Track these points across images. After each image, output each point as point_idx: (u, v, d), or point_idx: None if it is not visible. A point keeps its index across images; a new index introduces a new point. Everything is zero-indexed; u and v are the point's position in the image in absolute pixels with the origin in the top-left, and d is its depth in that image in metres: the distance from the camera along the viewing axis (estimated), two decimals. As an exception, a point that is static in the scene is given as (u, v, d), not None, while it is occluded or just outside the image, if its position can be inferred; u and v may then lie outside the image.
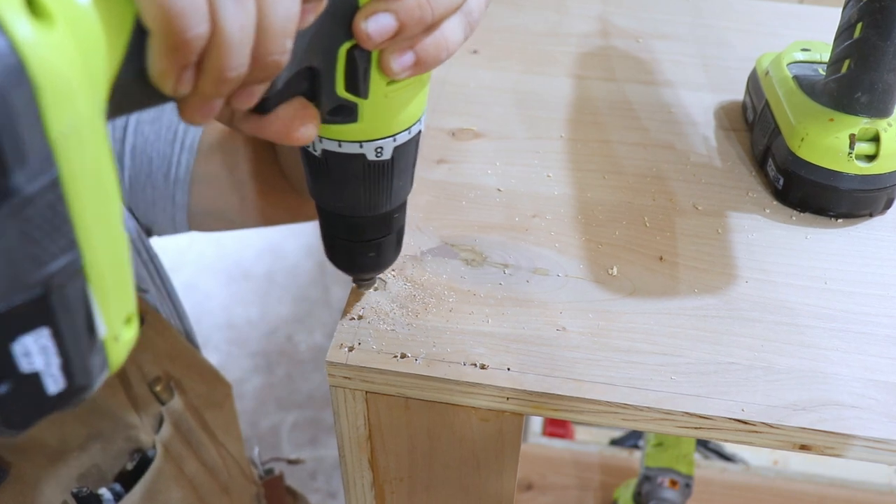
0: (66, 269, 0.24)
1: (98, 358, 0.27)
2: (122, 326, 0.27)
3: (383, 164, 0.39)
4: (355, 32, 0.33)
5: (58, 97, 0.22)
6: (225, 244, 2.33)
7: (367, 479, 0.51)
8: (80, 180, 0.24)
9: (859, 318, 0.48)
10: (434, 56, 0.35)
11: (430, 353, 0.45)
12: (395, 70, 0.35)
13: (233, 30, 0.28)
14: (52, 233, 0.23)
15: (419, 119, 0.40)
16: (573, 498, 1.17)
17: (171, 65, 0.28)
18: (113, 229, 0.26)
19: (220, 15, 0.27)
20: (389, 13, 0.33)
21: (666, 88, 0.71)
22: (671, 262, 0.52)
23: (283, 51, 0.30)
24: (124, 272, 0.27)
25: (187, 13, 0.26)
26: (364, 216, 0.42)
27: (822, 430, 0.42)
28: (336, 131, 0.37)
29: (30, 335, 0.24)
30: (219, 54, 0.28)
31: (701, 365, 0.45)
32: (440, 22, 0.34)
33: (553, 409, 0.44)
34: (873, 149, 0.54)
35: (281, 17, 0.29)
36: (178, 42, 0.27)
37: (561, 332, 0.46)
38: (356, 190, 0.40)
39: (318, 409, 1.88)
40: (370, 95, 0.36)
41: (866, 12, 0.51)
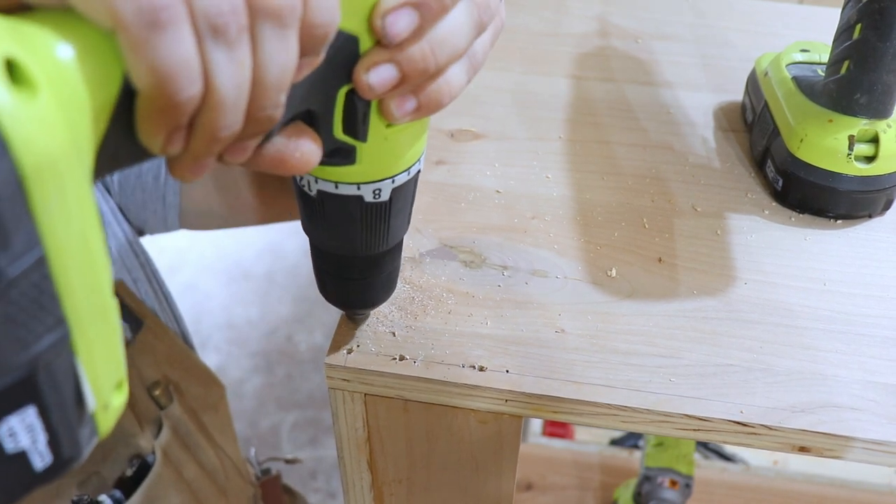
0: (53, 347, 0.23)
1: (87, 429, 0.25)
2: (112, 393, 0.26)
3: (381, 206, 0.38)
4: (356, 83, 0.32)
5: (42, 173, 0.21)
6: (225, 244, 2.33)
7: (366, 480, 0.51)
8: (68, 255, 0.22)
9: (858, 320, 0.48)
10: (436, 102, 0.34)
11: (429, 356, 0.45)
12: (396, 116, 0.33)
13: (227, 89, 0.26)
14: (38, 312, 0.22)
15: (418, 159, 0.38)
16: (573, 498, 1.17)
17: (161, 127, 0.26)
18: (102, 298, 0.25)
19: (215, 74, 0.26)
20: (392, 64, 0.31)
21: (665, 89, 0.71)
22: (670, 264, 0.52)
23: (277, 105, 0.28)
24: (114, 339, 0.26)
25: (180, 73, 0.25)
26: (358, 256, 0.41)
27: (822, 432, 0.42)
28: (333, 173, 0.36)
29: (15, 415, 0.22)
30: (212, 115, 0.27)
31: (700, 367, 0.45)
32: (444, 69, 0.33)
33: (552, 412, 0.44)
34: (872, 150, 0.54)
35: (276, 73, 0.27)
36: (168, 104, 0.25)
37: (560, 334, 0.46)
38: (352, 231, 0.39)
39: (318, 409, 1.88)
40: (369, 139, 0.34)
41: (865, 13, 0.51)
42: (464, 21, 0.32)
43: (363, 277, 0.42)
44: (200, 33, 0.25)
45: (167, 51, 0.24)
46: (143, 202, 0.68)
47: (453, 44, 0.32)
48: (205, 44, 0.25)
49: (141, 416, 0.62)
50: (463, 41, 0.32)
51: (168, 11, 0.24)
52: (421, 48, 0.31)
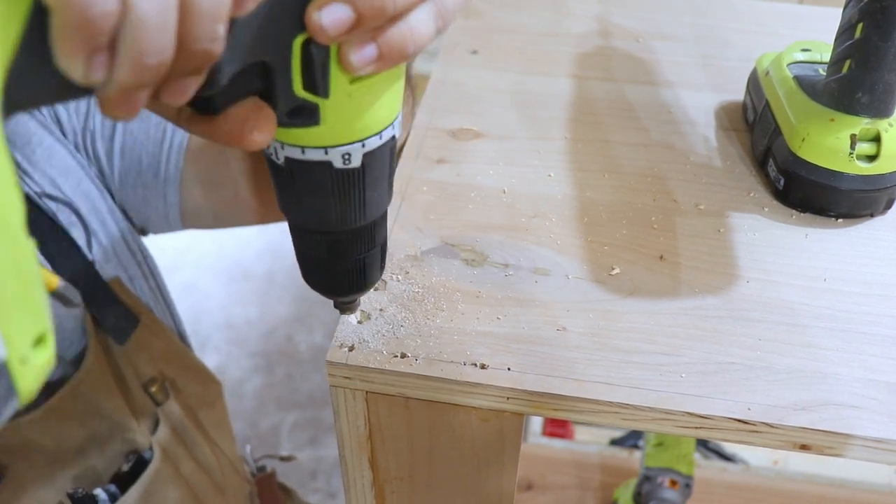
0: None
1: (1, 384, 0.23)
2: (32, 348, 0.24)
3: (352, 173, 0.35)
4: (308, 25, 0.29)
5: None
6: (225, 244, 2.33)
7: (368, 478, 0.51)
8: None
9: (860, 318, 0.48)
10: (399, 49, 0.31)
11: (431, 353, 0.45)
12: (356, 65, 0.31)
13: (147, 7, 0.24)
14: None
15: (392, 123, 0.36)
16: (573, 498, 1.17)
17: (77, 47, 0.24)
18: (11, 236, 0.22)
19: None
20: (345, 3, 0.29)
21: (666, 88, 0.71)
22: (672, 262, 0.52)
23: (212, 37, 0.26)
24: (30, 285, 0.24)
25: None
26: (337, 231, 0.38)
27: (823, 429, 0.42)
28: (298, 136, 0.34)
29: None
30: (133, 36, 0.24)
31: (701, 365, 0.45)
32: (406, 12, 0.31)
33: (553, 409, 0.44)
34: (874, 149, 0.54)
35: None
36: (82, 19, 0.23)
37: (561, 332, 0.46)
38: (325, 201, 0.36)
39: (318, 409, 1.88)
40: (331, 94, 0.32)
41: (867, 13, 0.51)
42: None
43: (345, 257, 0.39)
44: None
45: None
46: (145, 199, 0.68)
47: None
48: None
49: (137, 411, 0.62)
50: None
51: None
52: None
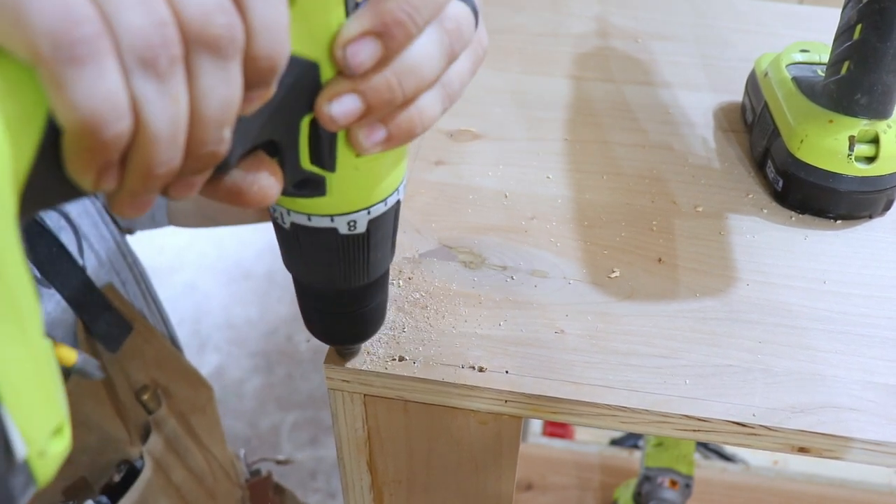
0: None
1: (20, 478, 0.23)
2: (50, 439, 0.24)
3: (357, 238, 0.36)
4: (318, 115, 0.30)
5: None
6: (225, 244, 2.33)
7: (366, 481, 0.51)
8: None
9: (858, 320, 0.48)
10: (408, 132, 0.32)
11: (429, 356, 0.45)
12: (365, 147, 0.31)
13: (160, 124, 0.24)
14: None
15: (397, 188, 0.36)
16: (573, 498, 1.17)
17: (90, 164, 0.24)
18: (29, 339, 0.23)
19: (145, 109, 0.24)
20: (355, 94, 0.29)
21: (665, 89, 0.70)
22: (670, 264, 0.52)
23: (219, 140, 0.26)
24: (49, 381, 0.24)
25: (104, 110, 0.23)
26: (339, 289, 0.39)
27: (821, 432, 0.42)
28: (305, 205, 0.34)
29: None
30: (144, 151, 0.25)
31: (699, 367, 0.45)
32: (414, 98, 0.31)
33: (551, 412, 0.44)
34: (873, 150, 0.54)
35: (217, 107, 0.25)
36: (94, 142, 0.23)
37: (559, 335, 0.46)
38: (330, 264, 0.37)
39: (318, 409, 1.88)
40: (338, 169, 0.32)
41: (866, 14, 0.51)
42: (432, 49, 0.30)
43: (347, 311, 0.40)
44: (127, 67, 0.23)
45: (89, 87, 0.22)
46: None
47: (421, 73, 0.30)
48: (132, 78, 0.23)
49: (129, 421, 0.62)
50: (432, 70, 0.31)
51: (88, 45, 0.22)
52: (385, 78, 0.30)
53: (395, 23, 0.29)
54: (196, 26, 0.24)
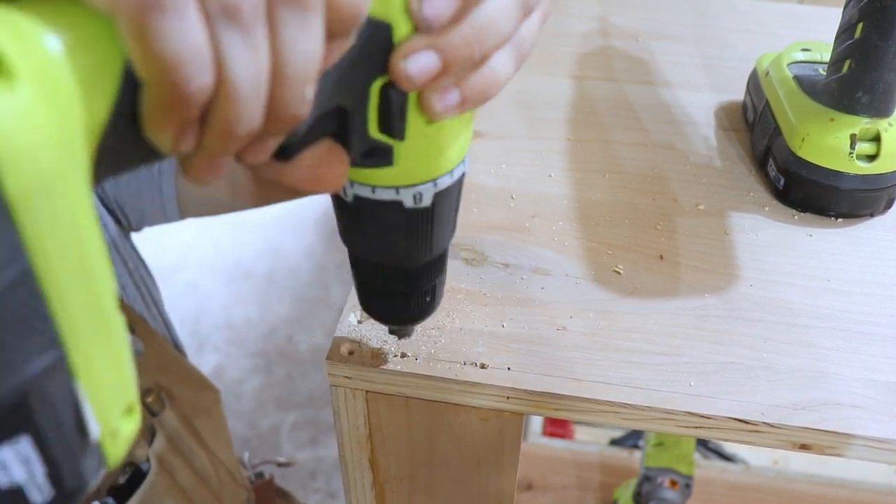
0: (46, 371, 0.20)
1: (92, 458, 0.23)
2: (122, 419, 0.24)
3: (422, 212, 0.34)
4: (393, 73, 0.28)
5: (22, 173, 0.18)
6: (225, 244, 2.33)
7: (368, 478, 0.51)
8: (59, 266, 0.20)
9: (860, 318, 0.48)
10: (481, 94, 0.30)
11: (431, 353, 0.45)
12: (438, 111, 0.30)
13: (243, 79, 0.23)
14: (27, 332, 0.20)
15: (462, 160, 0.34)
16: (573, 498, 1.17)
17: (169, 121, 0.23)
18: (103, 315, 0.22)
19: (228, 61, 0.23)
20: (433, 51, 0.28)
21: (666, 89, 0.71)
22: (672, 262, 0.52)
23: (302, 101, 0.25)
24: (120, 359, 0.23)
25: (188, 61, 0.22)
26: (400, 266, 0.37)
27: (823, 429, 0.42)
28: (369, 175, 0.33)
29: (8, 446, 0.20)
30: (226, 108, 0.24)
31: (701, 364, 0.45)
32: (489, 57, 0.30)
33: (553, 409, 0.44)
34: (874, 149, 0.54)
35: (300, 61, 0.24)
36: (176, 96, 0.22)
37: (561, 332, 0.46)
38: (392, 239, 0.35)
39: (318, 409, 1.88)
40: (407, 137, 0.31)
41: (867, 12, 0.51)
42: (508, 3, 0.29)
43: (407, 290, 0.39)
44: (210, 16, 0.22)
45: (172, 36, 0.21)
46: (139, 193, 0.67)
47: (498, 28, 0.29)
48: (216, 28, 0.22)
49: None
50: (508, 25, 0.29)
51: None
52: (463, 33, 0.28)
53: None
54: None
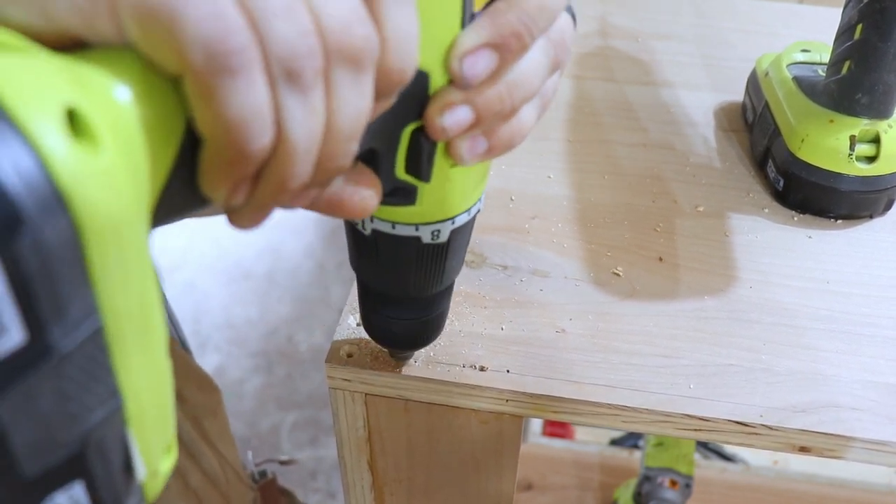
0: (105, 420, 0.21)
1: (135, 498, 0.23)
2: (161, 458, 0.24)
3: (438, 247, 0.36)
4: (428, 124, 0.29)
5: (104, 236, 0.18)
6: (225, 244, 2.32)
7: (367, 480, 0.51)
8: (125, 323, 0.20)
9: (859, 320, 0.48)
10: (507, 143, 0.32)
11: (430, 356, 0.45)
12: (466, 158, 0.31)
13: (300, 138, 0.24)
14: (92, 385, 0.20)
15: (479, 199, 0.36)
16: (573, 498, 1.17)
17: (227, 178, 0.24)
18: (157, 363, 0.23)
19: (287, 122, 0.23)
20: (467, 106, 0.29)
21: (665, 89, 0.71)
22: (671, 264, 0.52)
23: (347, 154, 0.26)
24: (166, 402, 0.24)
25: (251, 122, 0.22)
26: (409, 297, 0.39)
27: (822, 432, 0.42)
28: (391, 213, 0.34)
29: (62, 492, 0.20)
30: (282, 165, 0.24)
31: (700, 367, 0.45)
32: (518, 110, 0.31)
33: (553, 412, 0.44)
34: (873, 150, 0.54)
35: (351, 119, 0.25)
36: (237, 155, 0.23)
37: (560, 334, 0.46)
38: (406, 271, 0.37)
39: (318, 409, 1.88)
40: (432, 179, 0.32)
41: (866, 14, 0.51)
42: (540, 61, 0.30)
43: (412, 318, 0.40)
44: (274, 78, 0.22)
45: (239, 98, 0.22)
46: None
47: (529, 85, 0.30)
48: (278, 89, 0.23)
49: None
50: (538, 81, 0.31)
51: (241, 56, 0.21)
52: (498, 90, 0.29)
53: (513, 35, 0.28)
54: (336, 37, 0.23)
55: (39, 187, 0.17)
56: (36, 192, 0.17)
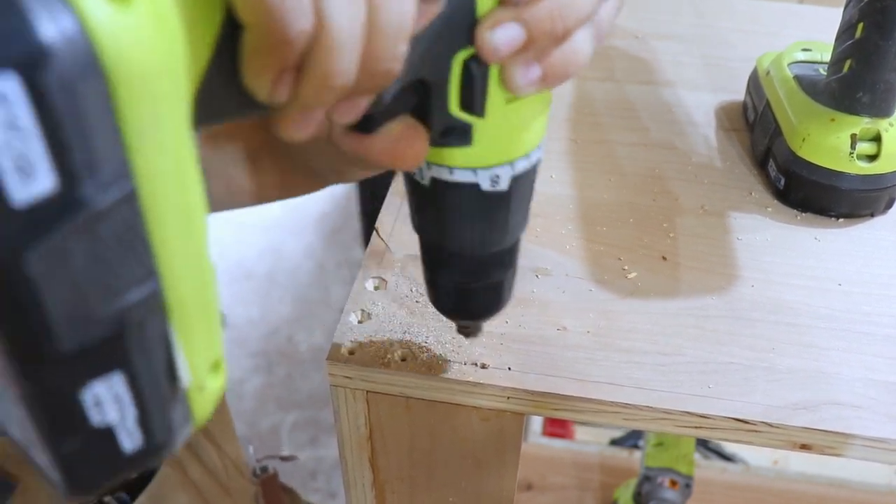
0: (144, 303, 0.20)
1: (180, 411, 0.23)
2: (208, 374, 0.24)
3: (499, 196, 0.34)
4: (478, 43, 0.29)
5: (136, 92, 0.18)
6: (226, 244, 2.33)
7: (368, 478, 0.51)
8: (162, 193, 0.20)
9: (860, 318, 0.48)
10: (562, 71, 0.31)
11: (431, 353, 0.45)
12: (520, 85, 0.30)
13: (341, 27, 0.24)
14: (128, 257, 0.20)
15: (538, 145, 0.35)
16: (573, 498, 1.17)
17: (268, 66, 0.24)
18: (199, 255, 0.22)
19: (327, 9, 0.23)
20: (518, 23, 0.29)
21: (666, 88, 0.71)
22: (673, 262, 0.52)
23: (395, 56, 0.26)
24: (211, 309, 0.23)
25: (290, 5, 0.22)
26: (474, 255, 0.37)
27: (823, 429, 0.42)
28: (447, 156, 0.33)
29: (101, 381, 0.20)
30: (324, 56, 0.24)
31: (702, 364, 0.45)
32: (570, 34, 0.30)
33: (554, 409, 0.44)
34: (874, 149, 0.54)
35: (395, 15, 0.25)
36: (278, 39, 0.23)
37: (562, 332, 0.46)
38: (467, 224, 0.35)
39: (318, 409, 1.88)
40: (487, 115, 0.31)
41: (867, 12, 0.51)
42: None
43: (477, 281, 0.38)
44: None
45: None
46: None
47: (581, 5, 0.29)
48: None
49: None
50: (589, 4, 0.30)
51: None
52: (548, 6, 0.29)
53: None
54: None
55: (66, 24, 0.17)
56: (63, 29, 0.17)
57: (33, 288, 0.18)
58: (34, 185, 0.17)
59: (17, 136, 0.17)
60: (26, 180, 0.17)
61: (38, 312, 0.18)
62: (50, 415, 0.20)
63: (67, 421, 0.20)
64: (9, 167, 0.17)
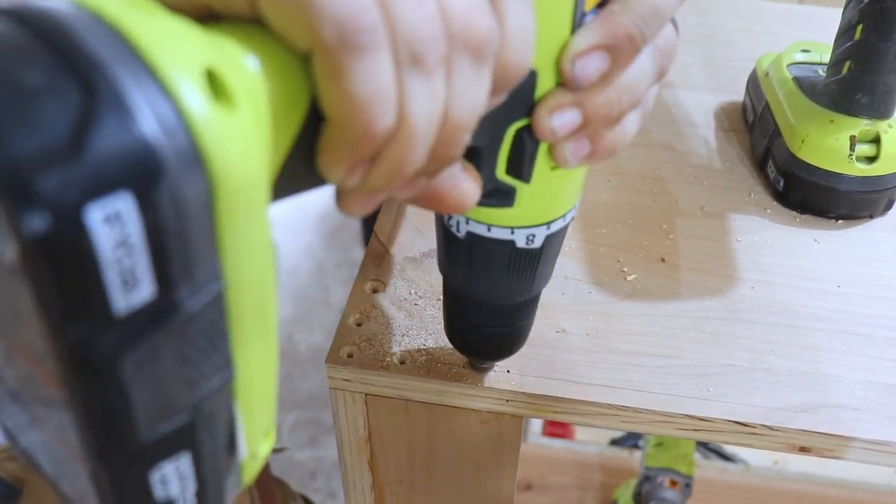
0: (218, 391, 0.21)
1: (233, 479, 0.24)
2: (261, 441, 0.24)
3: (531, 252, 0.35)
4: (536, 123, 0.29)
5: (236, 196, 0.19)
6: (225, 244, 2.33)
7: (367, 481, 0.51)
8: (244, 290, 0.20)
9: (859, 320, 0.48)
10: (610, 149, 0.31)
11: (430, 356, 0.45)
12: (569, 160, 0.31)
13: (420, 122, 0.24)
14: (210, 351, 0.20)
15: (574, 205, 0.36)
16: (573, 498, 1.17)
17: (347, 158, 0.24)
18: (269, 339, 0.23)
19: (410, 106, 0.23)
20: (576, 109, 0.29)
21: (666, 89, 0.70)
22: (672, 264, 0.52)
23: (461, 144, 0.26)
24: (271, 383, 0.24)
25: (376, 102, 0.22)
26: (499, 303, 0.38)
27: (822, 432, 0.42)
28: (488, 215, 0.33)
29: (170, 462, 0.21)
30: (400, 149, 0.24)
31: (701, 367, 0.45)
32: (623, 116, 0.31)
33: (553, 412, 0.44)
34: (874, 150, 0.54)
35: (468, 109, 0.25)
36: (360, 135, 0.23)
37: (561, 334, 0.46)
38: (497, 277, 0.36)
39: (318, 409, 1.88)
40: (532, 181, 0.32)
41: (867, 14, 0.51)
42: (647, 68, 0.30)
43: (498, 326, 0.40)
44: (399, 60, 0.23)
45: (367, 77, 0.22)
46: None
47: (636, 91, 0.30)
48: (402, 72, 0.23)
49: None
50: (644, 88, 0.31)
51: (372, 34, 0.21)
52: (607, 94, 0.29)
53: (626, 38, 0.28)
54: (460, 25, 0.24)
55: (180, 141, 0.17)
56: (177, 145, 0.17)
57: (124, 389, 0.18)
58: (135, 296, 0.17)
59: (126, 252, 0.17)
60: (129, 292, 0.17)
61: (123, 410, 0.19)
62: (117, 494, 0.20)
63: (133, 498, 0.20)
64: (115, 282, 0.17)
